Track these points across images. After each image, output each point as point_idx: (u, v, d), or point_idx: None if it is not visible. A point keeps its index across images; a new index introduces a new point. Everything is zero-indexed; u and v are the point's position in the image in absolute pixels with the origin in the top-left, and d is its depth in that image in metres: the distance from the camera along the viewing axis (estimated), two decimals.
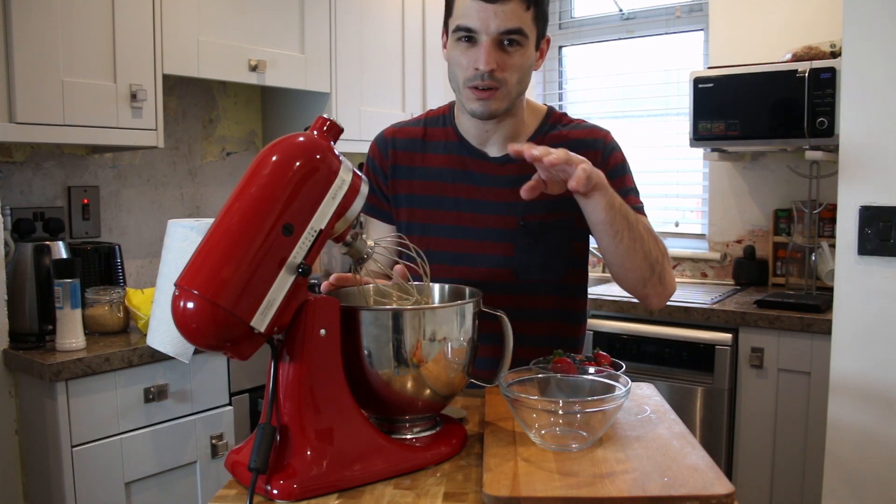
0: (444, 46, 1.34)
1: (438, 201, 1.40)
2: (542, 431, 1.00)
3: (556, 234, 1.36)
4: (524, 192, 1.15)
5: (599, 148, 1.37)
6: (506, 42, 1.24)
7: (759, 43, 2.91)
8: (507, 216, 1.35)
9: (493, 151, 1.38)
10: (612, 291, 2.79)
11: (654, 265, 1.26)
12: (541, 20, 1.28)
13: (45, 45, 1.94)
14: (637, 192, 1.40)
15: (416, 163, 1.41)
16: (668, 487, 0.86)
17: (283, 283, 0.89)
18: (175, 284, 0.87)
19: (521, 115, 1.37)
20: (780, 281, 2.95)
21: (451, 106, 1.44)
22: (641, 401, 1.19)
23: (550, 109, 1.44)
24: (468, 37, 1.25)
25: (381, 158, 1.44)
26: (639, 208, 1.36)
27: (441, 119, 1.44)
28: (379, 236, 1.44)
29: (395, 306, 1.10)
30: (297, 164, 0.92)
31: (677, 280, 3.14)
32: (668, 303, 2.60)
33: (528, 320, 1.33)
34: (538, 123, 1.40)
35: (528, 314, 1.34)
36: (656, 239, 1.28)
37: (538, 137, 1.39)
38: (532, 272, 1.36)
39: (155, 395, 1.93)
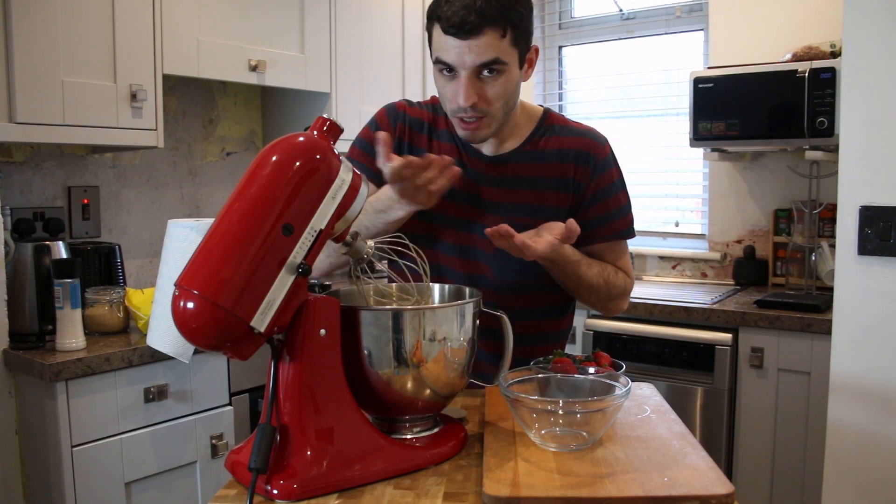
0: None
1: None
2: (542, 431, 1.00)
3: None
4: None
5: (590, 166, 1.38)
6: (485, 72, 1.24)
7: (759, 43, 2.91)
8: (493, 215, 1.36)
9: (487, 150, 1.40)
10: None
11: (596, 305, 1.43)
12: (521, 40, 1.26)
13: (45, 45, 1.94)
14: (625, 211, 1.42)
15: (424, 146, 1.42)
16: (668, 487, 0.86)
17: (283, 283, 0.89)
18: (175, 284, 0.87)
19: (514, 120, 1.38)
20: (780, 281, 2.95)
21: None
22: (641, 401, 1.19)
23: (546, 111, 1.44)
24: (448, 68, 1.25)
25: (388, 127, 1.42)
26: (622, 233, 1.42)
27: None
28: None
29: (395, 306, 1.10)
30: (297, 164, 0.92)
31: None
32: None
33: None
34: (534, 126, 1.41)
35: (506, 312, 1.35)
36: (608, 287, 1.40)
37: (533, 140, 1.39)
38: (510, 273, 1.37)
39: (155, 395, 1.93)
